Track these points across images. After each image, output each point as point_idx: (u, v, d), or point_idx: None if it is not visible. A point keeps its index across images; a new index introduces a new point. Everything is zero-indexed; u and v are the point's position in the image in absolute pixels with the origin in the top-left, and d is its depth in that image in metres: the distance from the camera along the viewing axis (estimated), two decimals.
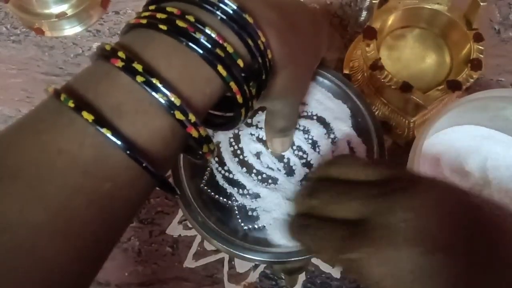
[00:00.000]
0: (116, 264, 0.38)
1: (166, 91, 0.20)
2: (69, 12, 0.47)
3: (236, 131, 0.36)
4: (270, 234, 0.32)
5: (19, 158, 0.19)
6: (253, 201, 0.33)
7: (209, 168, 0.35)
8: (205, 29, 0.21)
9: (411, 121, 0.41)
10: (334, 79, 0.36)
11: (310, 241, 0.25)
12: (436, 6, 0.40)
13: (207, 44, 0.21)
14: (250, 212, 0.33)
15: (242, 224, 0.33)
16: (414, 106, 0.39)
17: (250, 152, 0.35)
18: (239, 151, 0.35)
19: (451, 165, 0.38)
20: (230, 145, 0.35)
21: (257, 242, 0.32)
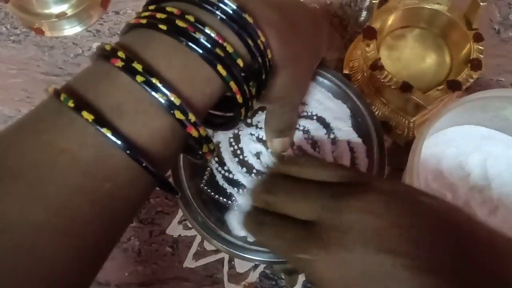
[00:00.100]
0: (116, 264, 0.38)
1: (166, 91, 0.20)
2: (69, 12, 0.47)
3: (236, 131, 0.36)
4: None
5: (19, 158, 0.19)
6: None
7: (209, 168, 0.35)
8: (205, 29, 0.21)
9: (411, 121, 0.41)
10: (334, 79, 0.36)
11: (264, 238, 0.25)
12: (436, 6, 0.40)
13: (207, 44, 0.21)
14: None
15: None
16: (414, 106, 0.39)
17: (250, 152, 0.35)
18: (239, 151, 0.35)
19: (451, 165, 0.38)
20: (230, 145, 0.35)
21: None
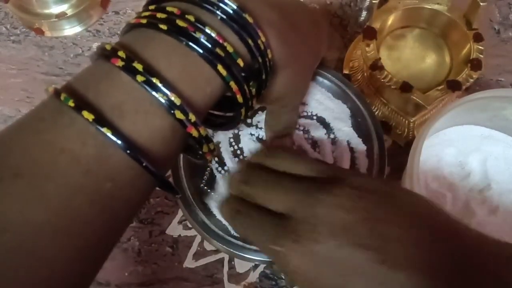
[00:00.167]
0: (116, 264, 0.38)
1: (166, 91, 0.20)
2: (69, 12, 0.47)
3: (236, 131, 0.36)
4: None
5: (20, 158, 0.19)
6: None
7: (209, 168, 0.35)
8: (205, 29, 0.21)
9: (411, 121, 0.41)
10: (334, 79, 0.36)
11: (240, 227, 0.26)
12: (436, 6, 0.40)
13: (207, 44, 0.21)
14: None
15: None
16: (414, 106, 0.39)
17: (250, 152, 0.35)
18: (239, 151, 0.35)
19: (451, 165, 0.38)
20: (230, 145, 0.35)
21: None
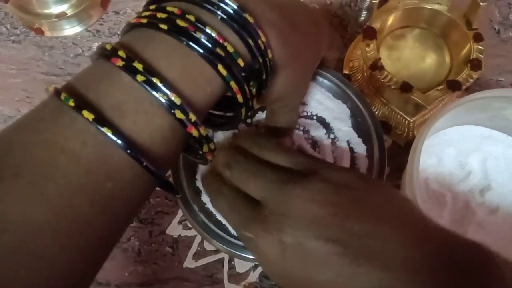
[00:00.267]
0: (116, 264, 0.38)
1: (167, 90, 0.20)
2: (69, 12, 0.47)
3: (236, 131, 0.36)
4: None
5: (20, 158, 0.19)
6: None
7: None
8: (206, 29, 0.21)
9: (411, 121, 0.41)
10: (334, 79, 0.37)
11: (219, 208, 0.27)
12: (436, 6, 0.40)
13: (208, 44, 0.21)
14: None
15: None
16: (414, 106, 0.39)
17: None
18: None
19: (451, 165, 0.38)
20: None
21: None
